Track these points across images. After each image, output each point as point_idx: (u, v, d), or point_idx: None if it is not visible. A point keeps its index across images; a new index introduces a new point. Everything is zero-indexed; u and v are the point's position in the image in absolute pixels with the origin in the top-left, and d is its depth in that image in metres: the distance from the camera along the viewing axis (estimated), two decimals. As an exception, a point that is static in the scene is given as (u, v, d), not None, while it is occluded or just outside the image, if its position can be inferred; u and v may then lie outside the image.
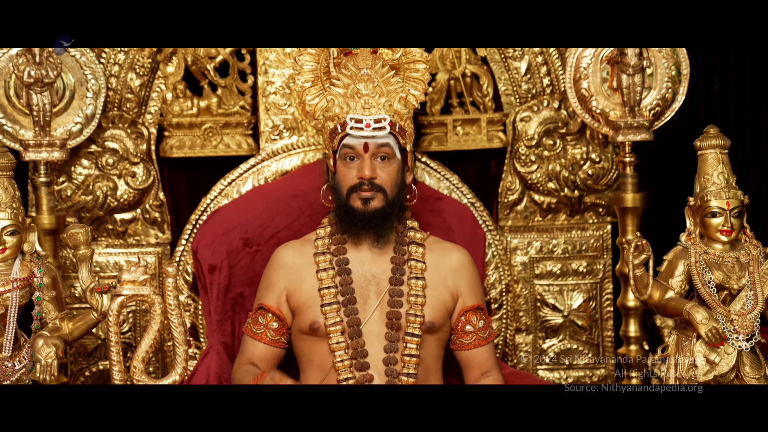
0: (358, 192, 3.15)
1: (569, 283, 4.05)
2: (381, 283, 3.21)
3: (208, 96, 3.95)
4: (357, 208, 3.15)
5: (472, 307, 3.24)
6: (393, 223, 3.21)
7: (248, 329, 3.25)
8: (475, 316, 3.24)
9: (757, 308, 3.11)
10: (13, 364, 3.02)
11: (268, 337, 3.22)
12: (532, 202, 4.03)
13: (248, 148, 3.93)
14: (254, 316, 3.24)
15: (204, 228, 3.69)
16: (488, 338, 3.25)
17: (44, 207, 3.67)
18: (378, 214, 3.15)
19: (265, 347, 3.22)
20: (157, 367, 3.95)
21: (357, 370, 3.14)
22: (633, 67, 3.73)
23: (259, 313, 3.23)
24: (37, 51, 3.59)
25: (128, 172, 3.89)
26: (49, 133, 3.64)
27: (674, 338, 3.18)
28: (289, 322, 3.23)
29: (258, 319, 3.23)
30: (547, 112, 3.98)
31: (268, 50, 3.88)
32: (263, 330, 3.22)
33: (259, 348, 3.23)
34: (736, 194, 3.15)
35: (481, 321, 3.24)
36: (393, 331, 3.16)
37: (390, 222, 3.19)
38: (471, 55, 3.98)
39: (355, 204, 3.16)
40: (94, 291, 3.03)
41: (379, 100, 3.15)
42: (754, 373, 3.11)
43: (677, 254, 3.19)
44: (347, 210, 3.17)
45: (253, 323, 3.24)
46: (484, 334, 3.24)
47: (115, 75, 3.88)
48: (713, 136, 3.20)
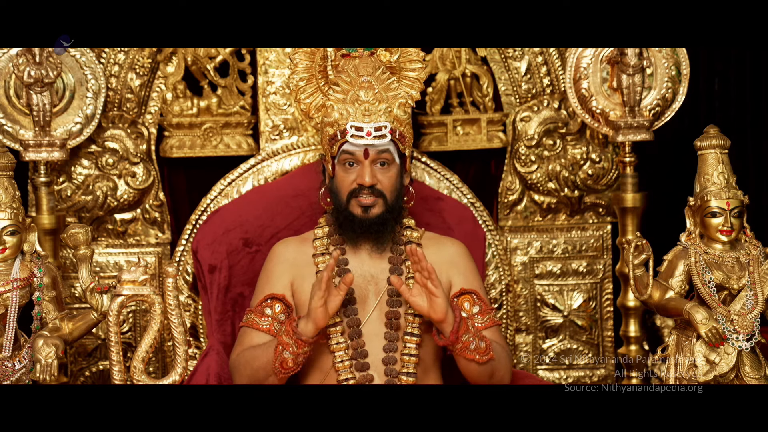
0: (357, 198, 3.14)
1: (569, 283, 4.05)
2: (379, 283, 3.21)
3: (208, 96, 3.95)
4: (357, 215, 3.15)
5: (461, 291, 3.20)
6: (392, 227, 3.21)
7: (250, 322, 3.18)
8: (467, 301, 3.20)
9: (757, 308, 3.11)
10: (13, 364, 3.02)
11: (275, 329, 3.15)
12: (532, 202, 4.03)
13: (248, 148, 3.93)
14: (259, 309, 3.18)
15: (204, 228, 3.69)
16: (487, 324, 3.19)
17: (44, 207, 3.66)
18: (378, 221, 3.15)
19: (270, 339, 3.13)
20: (157, 367, 3.95)
21: (357, 370, 3.14)
22: (633, 67, 3.73)
23: (266, 305, 3.18)
24: (37, 51, 3.59)
25: (128, 172, 3.89)
26: (49, 133, 3.64)
27: (674, 338, 3.18)
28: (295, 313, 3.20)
29: (265, 311, 3.17)
30: (547, 112, 3.98)
31: (268, 50, 3.88)
32: (270, 321, 3.16)
33: (264, 339, 3.14)
34: (736, 194, 3.15)
35: (476, 307, 3.20)
36: (392, 331, 3.16)
37: (389, 227, 3.19)
38: (471, 55, 3.98)
39: (355, 211, 3.15)
40: (94, 291, 3.03)
41: (380, 106, 3.14)
42: (754, 373, 3.11)
43: (677, 254, 3.19)
44: (347, 216, 3.16)
45: (258, 316, 3.17)
46: (481, 319, 3.19)
47: (115, 75, 3.88)
48: (713, 136, 3.20)
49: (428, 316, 3.04)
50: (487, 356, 3.06)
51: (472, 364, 3.07)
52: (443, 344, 3.07)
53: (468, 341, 3.03)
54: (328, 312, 3.01)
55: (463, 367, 3.11)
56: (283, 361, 3.03)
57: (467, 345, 3.03)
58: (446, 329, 3.02)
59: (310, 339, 3.02)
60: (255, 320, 3.18)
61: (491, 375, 3.12)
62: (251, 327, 3.18)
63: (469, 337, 3.04)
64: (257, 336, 3.17)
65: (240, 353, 3.17)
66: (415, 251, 2.99)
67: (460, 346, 3.03)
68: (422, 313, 3.06)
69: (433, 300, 3.01)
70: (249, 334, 3.18)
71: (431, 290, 3.00)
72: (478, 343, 3.05)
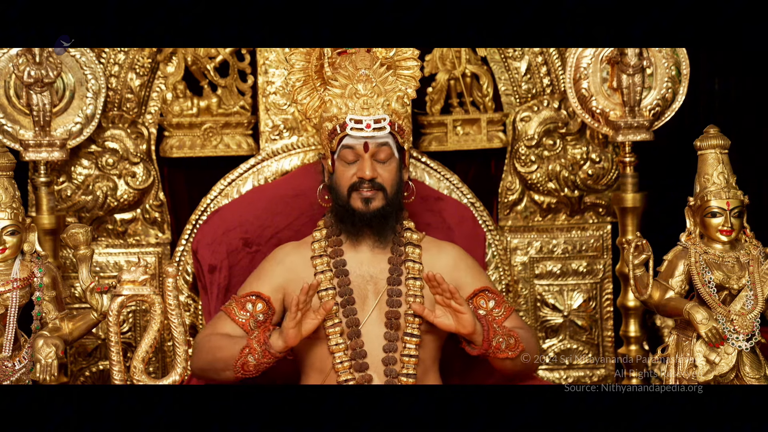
0: (359, 191, 3.14)
1: (569, 283, 4.05)
2: (379, 283, 3.20)
3: (208, 96, 3.95)
4: (358, 209, 3.15)
5: (474, 293, 3.24)
6: (393, 222, 3.21)
7: (229, 310, 3.18)
8: (482, 299, 3.23)
9: (757, 308, 3.11)
10: (13, 364, 3.02)
11: (249, 326, 3.16)
12: (532, 202, 4.03)
13: (248, 148, 3.93)
14: (241, 301, 3.18)
15: (204, 228, 3.69)
16: (505, 314, 3.23)
17: (44, 207, 3.66)
18: (379, 214, 3.16)
19: (241, 333, 3.15)
20: (157, 367, 3.95)
21: (356, 370, 3.14)
22: (633, 67, 3.73)
23: (249, 300, 3.18)
24: (37, 51, 3.59)
25: (128, 172, 3.89)
26: (49, 133, 3.64)
27: (674, 338, 3.18)
28: (276, 319, 3.20)
29: (246, 305, 3.18)
30: (547, 112, 3.98)
31: (268, 50, 3.88)
32: (247, 317, 3.17)
33: (236, 331, 3.16)
34: (736, 194, 3.15)
35: (491, 302, 3.24)
36: (392, 331, 3.16)
37: (390, 221, 3.20)
38: (471, 55, 3.98)
39: (355, 204, 3.16)
40: (94, 291, 3.03)
41: (378, 99, 3.16)
42: (754, 373, 3.11)
43: (677, 254, 3.19)
44: (348, 210, 3.17)
45: (238, 307, 3.18)
46: (499, 312, 3.23)
47: (115, 75, 3.88)
48: (713, 136, 3.20)
49: (458, 332, 3.09)
50: (518, 350, 3.12)
51: (506, 361, 3.13)
52: (477, 354, 3.11)
53: (499, 343, 3.09)
54: (301, 333, 3.03)
55: (499, 365, 3.17)
56: (245, 364, 3.05)
57: (499, 347, 3.09)
58: (477, 339, 3.08)
59: (277, 353, 3.04)
60: (234, 310, 3.19)
61: (523, 362, 3.18)
62: (228, 315, 3.19)
63: (499, 339, 3.09)
64: (230, 326, 3.18)
65: (208, 336, 3.18)
66: (432, 277, 3.03)
67: (494, 350, 3.09)
68: (451, 331, 3.10)
69: (460, 316, 3.04)
70: (223, 320, 3.20)
71: (457, 309, 3.04)
72: (508, 341, 3.11)
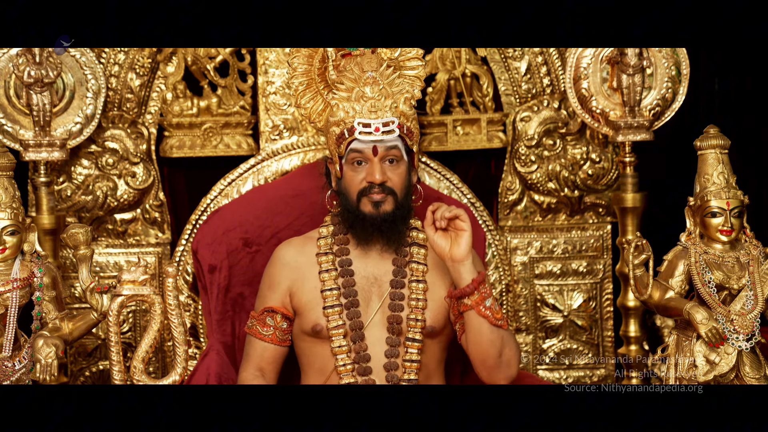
0: (368, 195, 3.10)
1: (569, 283, 4.05)
2: (382, 285, 3.19)
3: (208, 96, 3.95)
4: (368, 213, 3.11)
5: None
6: (402, 227, 3.16)
7: (254, 331, 3.21)
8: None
9: (757, 308, 3.11)
10: (13, 364, 3.02)
11: (278, 338, 3.19)
12: (532, 202, 4.03)
13: (248, 148, 3.93)
14: (261, 318, 3.20)
15: (204, 228, 3.69)
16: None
17: (44, 207, 3.67)
18: (389, 218, 3.11)
19: (274, 348, 3.19)
20: (157, 367, 3.95)
21: (359, 374, 3.12)
22: (633, 67, 3.73)
23: (266, 315, 3.20)
24: (37, 51, 3.59)
25: (128, 172, 3.89)
26: (49, 133, 3.64)
27: (674, 338, 3.19)
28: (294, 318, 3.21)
29: (266, 320, 3.19)
30: (547, 112, 3.98)
31: (268, 50, 3.88)
32: (273, 332, 3.19)
33: (269, 350, 3.20)
34: (736, 194, 3.16)
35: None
36: (394, 336, 3.14)
37: (400, 225, 3.15)
38: (471, 55, 3.98)
39: (366, 209, 3.11)
40: (94, 291, 3.03)
41: (386, 102, 3.11)
42: (754, 373, 3.11)
43: (677, 254, 3.19)
44: (358, 215, 3.12)
45: (261, 325, 3.20)
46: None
47: (115, 75, 3.88)
48: (713, 136, 3.20)
49: (450, 257, 2.99)
50: (501, 321, 3.01)
51: (484, 325, 2.99)
52: (458, 294, 3.00)
53: (485, 294, 2.98)
54: None
55: (475, 328, 3.02)
56: None
57: (484, 297, 2.98)
58: (465, 275, 2.98)
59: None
60: (258, 330, 3.20)
61: (501, 349, 3.04)
62: (255, 336, 3.20)
63: (486, 291, 2.99)
64: (262, 348, 3.20)
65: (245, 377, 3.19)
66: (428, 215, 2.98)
67: (478, 297, 2.98)
68: (442, 256, 3.01)
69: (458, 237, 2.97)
70: (254, 344, 3.21)
71: (460, 227, 2.97)
72: (494, 304, 3.01)
